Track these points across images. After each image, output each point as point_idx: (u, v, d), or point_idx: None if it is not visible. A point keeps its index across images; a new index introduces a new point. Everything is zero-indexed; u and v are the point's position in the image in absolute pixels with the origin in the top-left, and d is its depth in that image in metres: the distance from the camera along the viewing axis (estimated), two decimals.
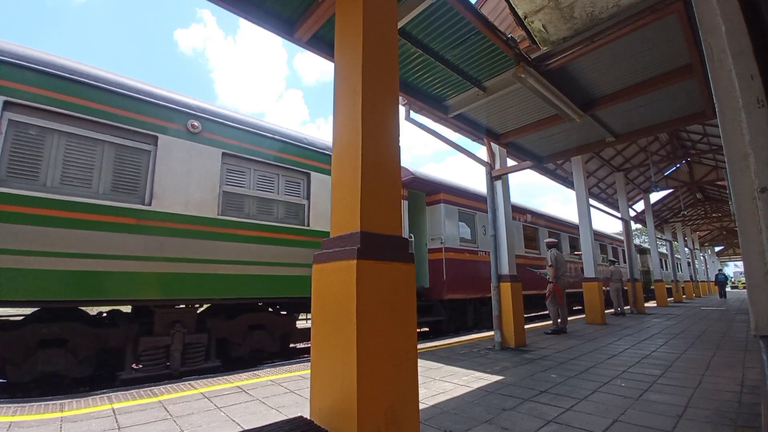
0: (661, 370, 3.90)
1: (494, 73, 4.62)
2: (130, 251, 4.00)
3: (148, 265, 4.10)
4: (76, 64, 4.07)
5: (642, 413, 2.63)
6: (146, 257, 4.10)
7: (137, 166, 4.27)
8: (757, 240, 1.68)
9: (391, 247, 2.09)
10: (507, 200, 6.05)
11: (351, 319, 1.86)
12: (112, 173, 4.10)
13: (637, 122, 6.07)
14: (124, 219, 4.02)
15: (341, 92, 2.31)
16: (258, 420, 2.53)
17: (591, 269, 9.08)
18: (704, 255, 35.23)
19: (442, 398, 3.06)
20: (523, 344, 5.61)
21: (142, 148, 4.30)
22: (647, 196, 15.72)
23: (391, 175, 2.20)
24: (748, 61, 1.77)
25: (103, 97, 4.09)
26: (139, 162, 4.29)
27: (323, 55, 3.93)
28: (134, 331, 4.23)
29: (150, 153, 4.34)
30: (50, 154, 3.78)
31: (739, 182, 1.76)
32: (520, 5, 3.65)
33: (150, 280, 4.08)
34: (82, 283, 3.71)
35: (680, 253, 23.71)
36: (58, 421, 2.52)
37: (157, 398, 3.08)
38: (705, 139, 11.81)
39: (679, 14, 3.59)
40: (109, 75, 4.24)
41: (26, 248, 3.48)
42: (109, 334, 4.13)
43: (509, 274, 5.70)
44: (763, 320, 1.65)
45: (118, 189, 4.12)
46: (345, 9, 2.40)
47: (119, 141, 4.17)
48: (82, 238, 3.76)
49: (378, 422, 1.84)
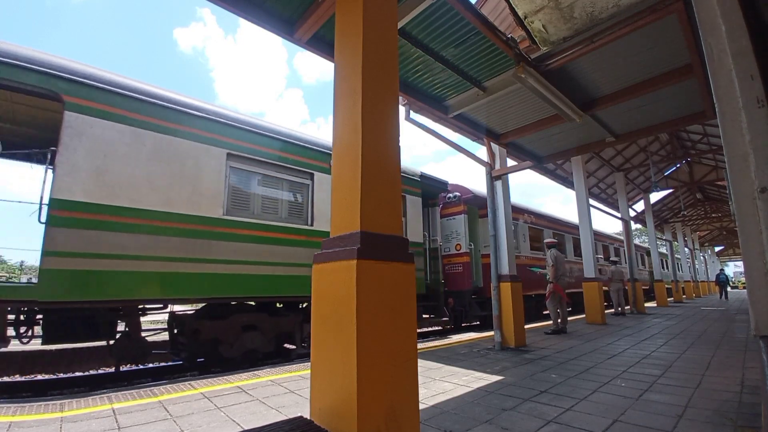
0: (661, 370, 3.90)
1: (494, 73, 4.62)
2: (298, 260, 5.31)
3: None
4: (261, 122, 5.36)
5: (642, 413, 2.63)
6: (309, 264, 4.57)
7: (303, 196, 5.73)
8: (757, 240, 1.68)
9: (391, 247, 2.09)
10: (507, 200, 6.04)
11: (351, 319, 1.86)
12: (288, 203, 5.55)
13: (637, 122, 6.06)
14: (298, 237, 5.37)
15: (341, 92, 2.31)
16: (258, 420, 2.53)
17: (591, 269, 9.08)
18: (704, 255, 35.23)
19: (442, 398, 3.05)
20: (523, 344, 5.60)
21: (304, 182, 5.71)
22: (647, 196, 15.72)
23: (391, 175, 2.20)
24: (748, 61, 1.77)
25: (282, 146, 5.44)
26: (304, 193, 5.74)
27: (323, 55, 3.92)
28: (300, 319, 5.56)
29: (308, 186, 5.75)
30: (253, 190, 5.20)
31: (739, 182, 1.76)
32: (520, 5, 3.65)
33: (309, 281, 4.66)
34: (270, 283, 5.02)
35: (680, 253, 23.71)
36: (58, 421, 2.52)
37: (157, 398, 3.08)
38: (705, 139, 11.81)
39: (679, 14, 3.59)
40: (281, 128, 5.59)
41: (249, 259, 4.87)
42: (284, 321, 5.44)
43: (509, 274, 5.69)
44: (763, 320, 1.65)
45: (292, 214, 5.56)
46: (345, 9, 2.40)
47: (292, 178, 5.57)
48: (272, 251, 5.12)
49: (378, 422, 1.83)
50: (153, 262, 4.11)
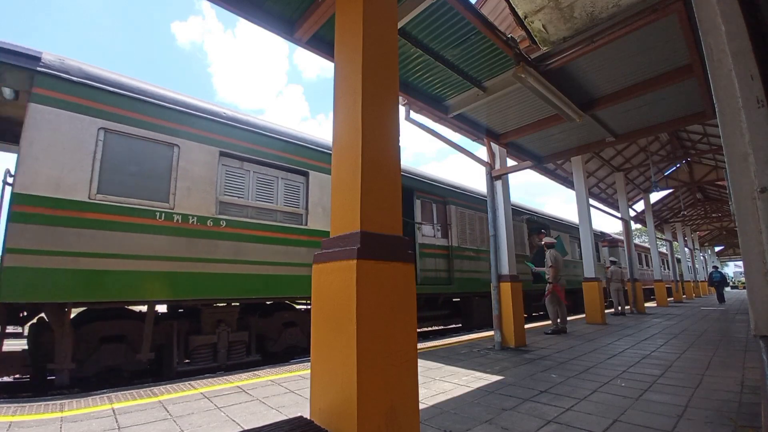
0: (661, 370, 3.90)
1: (494, 73, 4.62)
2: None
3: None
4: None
5: (642, 413, 2.63)
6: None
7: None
8: (757, 240, 1.68)
9: (391, 247, 2.09)
10: (507, 200, 6.05)
11: (351, 319, 1.86)
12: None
13: (637, 122, 6.06)
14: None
15: (341, 92, 2.31)
16: (258, 420, 2.53)
17: (591, 269, 9.08)
18: (704, 255, 35.23)
19: (442, 398, 3.06)
20: (523, 344, 5.60)
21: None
22: (647, 196, 15.71)
23: (391, 175, 2.20)
24: (748, 61, 1.77)
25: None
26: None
27: (323, 55, 3.92)
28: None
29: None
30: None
31: (739, 182, 1.76)
32: (520, 5, 3.65)
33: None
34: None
35: (680, 252, 23.69)
36: (58, 421, 2.53)
37: (157, 398, 3.08)
38: (705, 139, 11.80)
39: (679, 14, 3.59)
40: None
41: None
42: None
43: (509, 274, 5.69)
44: (763, 320, 1.65)
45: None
46: (345, 9, 2.40)
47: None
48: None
49: (378, 422, 1.83)
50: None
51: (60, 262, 3.61)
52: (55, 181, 3.70)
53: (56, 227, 3.64)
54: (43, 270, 3.53)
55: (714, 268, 18.50)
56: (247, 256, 4.81)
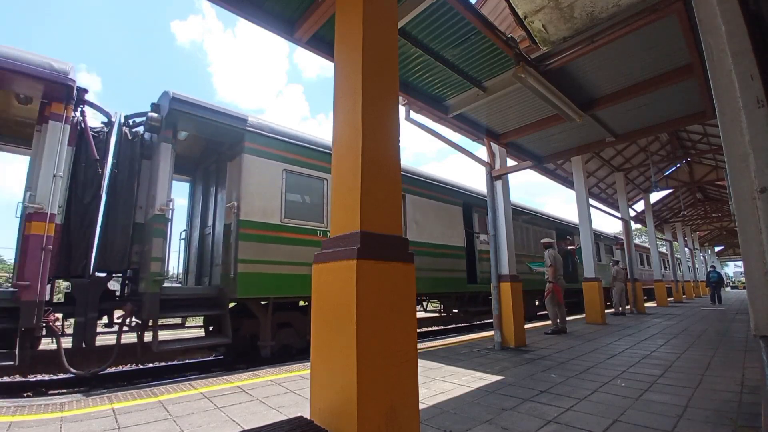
0: (661, 370, 3.90)
1: (494, 73, 4.62)
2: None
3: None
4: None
5: (642, 413, 2.63)
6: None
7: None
8: (757, 240, 1.68)
9: (391, 247, 2.09)
10: (507, 200, 6.05)
11: (351, 319, 1.86)
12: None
13: (637, 122, 6.06)
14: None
15: (341, 92, 2.31)
16: (258, 420, 2.53)
17: (591, 269, 9.08)
18: (704, 255, 35.23)
19: (442, 398, 3.06)
20: (523, 344, 5.60)
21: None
22: (647, 196, 15.71)
23: (391, 175, 2.20)
24: (748, 61, 1.77)
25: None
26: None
27: (323, 55, 3.92)
28: None
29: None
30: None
31: (739, 182, 1.76)
32: (520, 5, 3.65)
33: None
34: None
35: (680, 252, 23.69)
36: (58, 421, 2.52)
37: (157, 398, 3.08)
38: (705, 139, 11.80)
39: (679, 14, 3.59)
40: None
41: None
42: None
43: (509, 274, 5.69)
44: (763, 320, 1.65)
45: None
46: (345, 9, 2.40)
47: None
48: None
49: (378, 422, 1.83)
50: None
51: (266, 269, 5.16)
52: (262, 210, 5.26)
53: (264, 243, 5.19)
54: (257, 274, 5.05)
55: (711, 268, 17.57)
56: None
